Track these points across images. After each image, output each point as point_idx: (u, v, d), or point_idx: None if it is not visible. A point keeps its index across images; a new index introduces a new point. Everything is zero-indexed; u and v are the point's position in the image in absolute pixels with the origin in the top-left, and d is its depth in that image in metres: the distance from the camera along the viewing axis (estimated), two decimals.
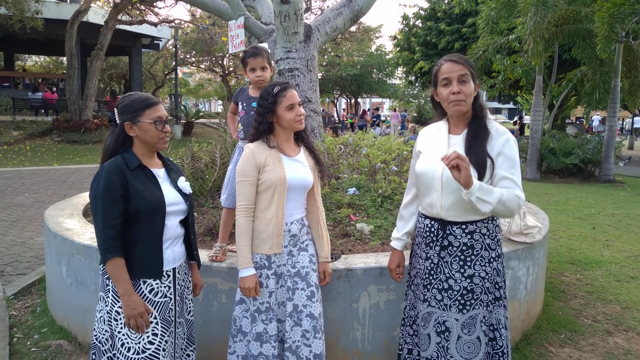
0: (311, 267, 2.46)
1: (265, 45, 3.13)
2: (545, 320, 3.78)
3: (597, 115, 29.13)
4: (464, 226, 2.13)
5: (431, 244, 2.21)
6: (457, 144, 2.15)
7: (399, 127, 24.97)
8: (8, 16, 15.57)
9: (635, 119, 29.44)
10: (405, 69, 23.67)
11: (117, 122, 2.09)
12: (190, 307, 2.34)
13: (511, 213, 2.07)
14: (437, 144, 2.22)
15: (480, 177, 2.04)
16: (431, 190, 2.17)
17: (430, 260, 2.21)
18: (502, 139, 2.10)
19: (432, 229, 2.21)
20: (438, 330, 2.16)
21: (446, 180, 2.10)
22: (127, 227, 2.02)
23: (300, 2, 4.38)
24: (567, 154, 12.37)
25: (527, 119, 25.64)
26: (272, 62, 3.03)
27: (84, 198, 4.73)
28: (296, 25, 4.45)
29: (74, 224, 3.71)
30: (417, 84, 24.69)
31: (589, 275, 4.94)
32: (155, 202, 2.06)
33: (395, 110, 30.52)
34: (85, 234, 3.42)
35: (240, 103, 3.02)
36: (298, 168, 2.42)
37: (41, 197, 8.53)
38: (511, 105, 26.52)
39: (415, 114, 42.69)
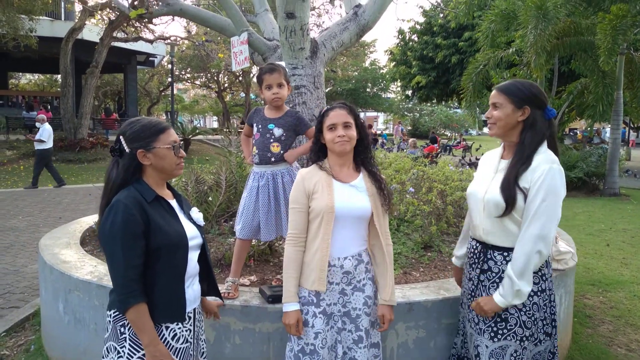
0: (364, 310, 2.19)
1: (282, 63, 2.91)
2: (577, 351, 3.55)
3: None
4: (505, 253, 2.10)
5: (473, 266, 2.22)
6: (504, 168, 2.15)
7: (402, 143, 24.64)
8: (2, 34, 15.36)
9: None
10: (402, 83, 23.65)
11: (127, 150, 1.86)
12: (203, 348, 2.12)
13: (543, 260, 2.04)
14: (487, 167, 2.25)
15: (508, 209, 2.01)
16: (475, 211, 2.20)
17: (472, 282, 2.23)
18: (539, 171, 2.00)
19: (475, 251, 2.22)
20: (474, 353, 2.16)
21: (486, 202, 2.10)
22: (147, 267, 1.79)
23: (306, 17, 4.19)
24: (571, 168, 12.20)
25: None
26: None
27: (81, 224, 4.48)
28: (302, 40, 4.26)
29: (71, 255, 3.45)
30: (414, 98, 24.64)
31: (612, 297, 4.72)
32: (178, 237, 1.85)
33: (399, 123, 30.24)
34: (84, 267, 3.16)
35: (255, 125, 2.79)
36: (352, 195, 2.16)
37: (35, 219, 8.24)
38: None
39: (410, 127, 42.77)
